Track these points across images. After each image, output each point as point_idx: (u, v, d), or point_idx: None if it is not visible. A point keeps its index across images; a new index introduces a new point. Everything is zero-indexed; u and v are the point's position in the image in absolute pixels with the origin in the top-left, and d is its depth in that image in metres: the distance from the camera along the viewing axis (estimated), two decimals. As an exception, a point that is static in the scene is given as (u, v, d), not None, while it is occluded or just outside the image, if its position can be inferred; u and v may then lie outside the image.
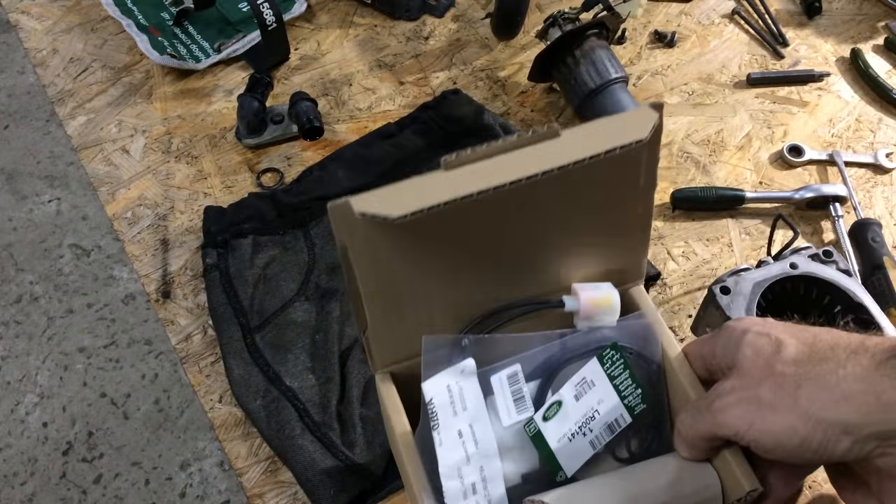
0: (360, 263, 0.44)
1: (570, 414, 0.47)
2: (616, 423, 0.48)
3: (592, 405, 0.47)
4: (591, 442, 0.48)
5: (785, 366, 0.42)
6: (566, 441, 0.47)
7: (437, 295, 0.49)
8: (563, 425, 0.47)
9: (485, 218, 0.46)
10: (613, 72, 0.81)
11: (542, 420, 0.47)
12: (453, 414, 0.46)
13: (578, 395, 0.47)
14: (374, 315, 0.48)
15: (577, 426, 0.47)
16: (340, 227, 0.42)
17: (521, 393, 0.48)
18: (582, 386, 0.47)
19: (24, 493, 1.42)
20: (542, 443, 0.47)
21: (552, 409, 0.47)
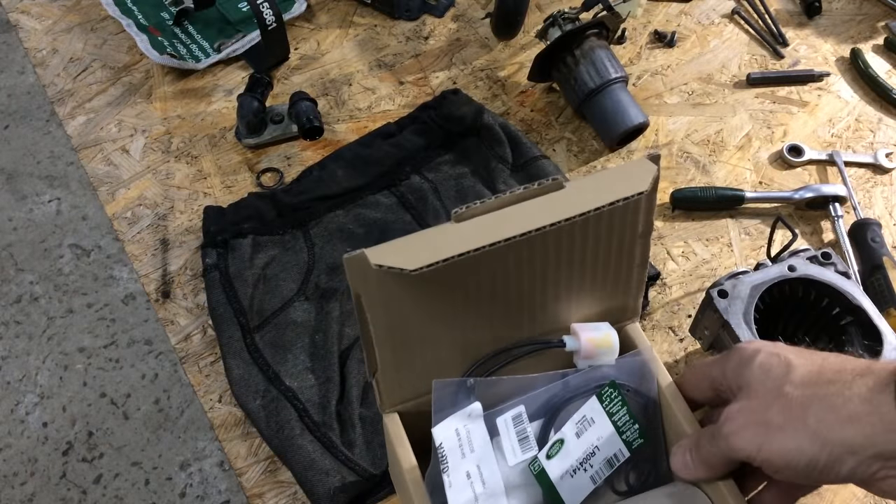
0: (372, 310, 0.46)
1: (571, 451, 0.49)
2: (615, 458, 0.50)
3: (593, 441, 0.49)
4: (591, 477, 0.50)
5: (794, 387, 0.43)
6: (568, 477, 0.49)
7: (444, 338, 0.51)
8: (565, 462, 0.49)
9: (492, 265, 0.48)
10: (613, 72, 0.81)
11: (546, 458, 0.49)
12: (461, 456, 0.49)
13: (579, 432, 0.50)
14: (384, 358, 0.50)
15: (578, 462, 0.49)
16: (355, 276, 0.44)
17: (526, 433, 0.51)
18: (583, 423, 0.50)
19: (24, 493, 1.42)
20: (546, 480, 0.49)
21: (555, 448, 0.49)
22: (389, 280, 0.45)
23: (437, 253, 0.43)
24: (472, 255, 0.44)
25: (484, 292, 0.49)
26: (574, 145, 0.85)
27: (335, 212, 0.78)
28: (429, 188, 0.79)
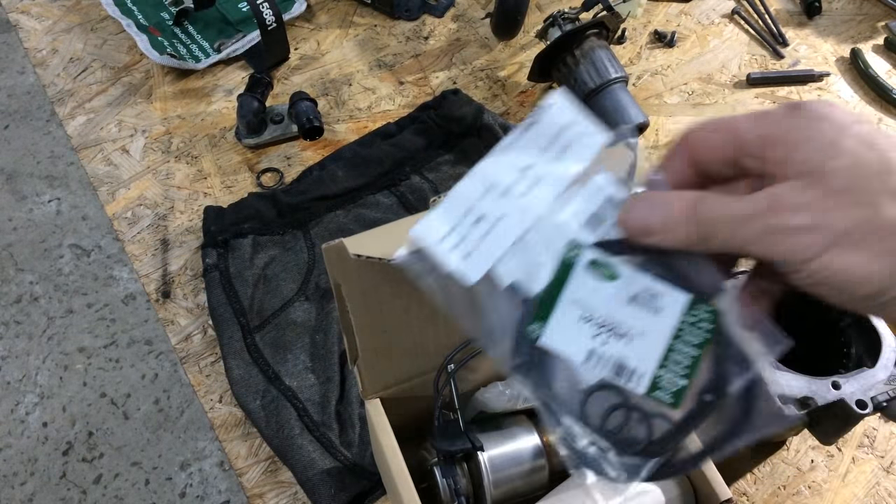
0: (352, 299, 0.47)
1: (609, 298, 0.34)
2: (629, 377, 0.34)
3: (634, 324, 0.34)
4: (598, 358, 0.34)
5: (891, 202, 0.31)
6: (581, 321, 0.34)
7: (423, 325, 0.51)
8: (597, 296, 0.34)
9: None
10: (613, 72, 0.81)
11: (588, 263, 0.34)
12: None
13: (635, 298, 0.34)
14: (365, 346, 0.50)
15: (603, 321, 0.34)
16: (334, 266, 0.45)
17: (603, 215, 0.35)
18: (644, 298, 0.35)
19: (24, 493, 1.42)
20: (562, 279, 0.34)
21: (603, 268, 0.34)
22: (368, 269, 0.45)
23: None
24: None
25: None
26: (574, 145, 0.85)
27: (335, 212, 0.78)
28: (429, 188, 0.79)
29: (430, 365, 0.53)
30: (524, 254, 0.34)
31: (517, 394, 0.56)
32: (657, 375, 0.34)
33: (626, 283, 0.34)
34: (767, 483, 0.63)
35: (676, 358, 0.34)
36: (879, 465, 0.64)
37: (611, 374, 0.34)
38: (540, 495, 0.55)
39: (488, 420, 0.58)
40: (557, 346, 0.34)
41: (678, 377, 0.34)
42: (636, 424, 0.34)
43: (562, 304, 0.34)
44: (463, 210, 0.35)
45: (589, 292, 0.34)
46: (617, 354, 0.34)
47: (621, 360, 0.34)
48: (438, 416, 0.53)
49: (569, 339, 0.34)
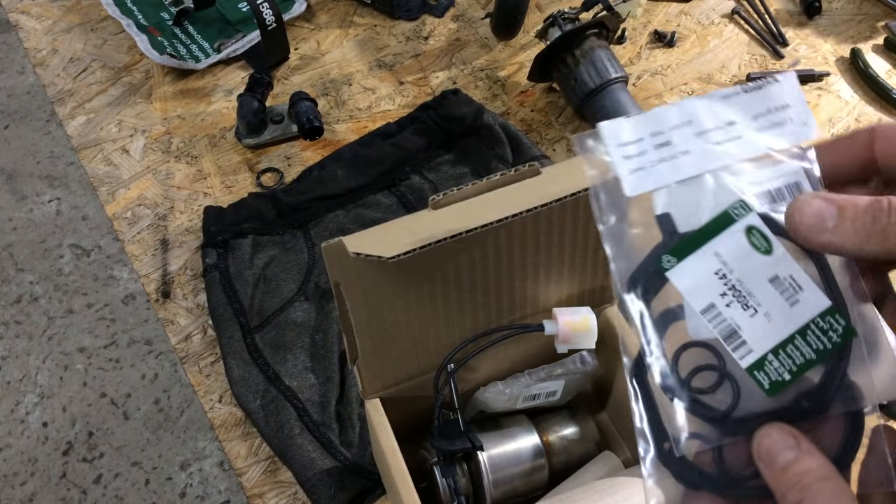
0: (351, 298, 0.47)
1: (755, 270, 0.33)
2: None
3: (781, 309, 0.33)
4: (711, 308, 0.33)
5: None
6: (715, 269, 0.33)
7: (423, 324, 0.51)
8: (742, 262, 0.33)
9: (470, 252, 0.48)
10: (613, 72, 0.81)
11: (748, 229, 0.33)
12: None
13: (776, 282, 0.33)
14: (364, 346, 0.50)
15: (737, 285, 0.33)
16: (333, 265, 0.45)
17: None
18: (786, 286, 0.33)
19: (24, 493, 1.42)
20: (710, 232, 0.33)
21: (760, 237, 0.33)
22: (368, 268, 0.45)
23: (414, 240, 0.44)
24: (450, 242, 0.44)
25: (462, 278, 0.49)
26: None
27: (335, 212, 0.78)
28: (429, 188, 0.79)
29: (430, 365, 0.53)
30: (691, 192, 0.34)
31: (517, 393, 0.56)
32: (766, 358, 0.33)
33: (775, 262, 0.33)
34: (767, 483, 0.63)
35: (791, 352, 0.33)
36: (879, 464, 0.64)
37: (722, 334, 0.33)
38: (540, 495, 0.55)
39: (488, 420, 0.58)
40: (682, 285, 0.33)
41: (784, 370, 0.32)
42: (722, 393, 0.33)
43: (705, 250, 0.33)
44: (655, 129, 0.35)
45: (736, 253, 0.33)
46: (736, 320, 0.33)
47: (737, 328, 0.33)
48: (438, 415, 0.53)
49: (696, 284, 0.33)
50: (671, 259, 0.33)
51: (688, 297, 0.32)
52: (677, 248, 0.33)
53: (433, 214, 0.45)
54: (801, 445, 0.30)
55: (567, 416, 0.60)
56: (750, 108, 0.35)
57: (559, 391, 0.58)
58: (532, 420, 0.58)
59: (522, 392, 0.56)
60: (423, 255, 0.44)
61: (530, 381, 0.56)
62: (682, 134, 0.34)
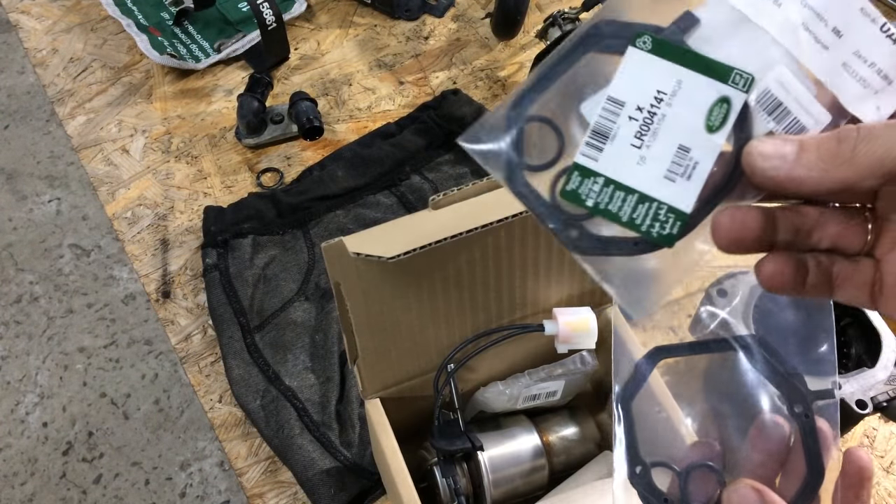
0: (352, 298, 0.47)
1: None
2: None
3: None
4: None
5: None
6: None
7: (424, 324, 0.51)
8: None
9: (470, 251, 0.48)
10: (613, 72, 0.81)
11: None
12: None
13: (674, 161, 0.31)
14: (364, 345, 0.50)
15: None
16: (334, 265, 0.45)
17: None
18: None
19: (24, 493, 1.42)
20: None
21: (719, 115, 0.31)
22: (368, 268, 0.45)
23: (414, 240, 0.44)
24: (450, 242, 0.44)
25: (462, 278, 0.49)
26: (574, 145, 0.85)
27: (335, 212, 0.78)
28: (429, 188, 0.79)
29: (430, 365, 0.53)
30: (746, 34, 0.31)
31: (517, 394, 0.56)
32: (595, 175, 0.31)
33: (703, 142, 0.30)
34: (767, 483, 0.63)
35: (615, 196, 0.31)
36: (879, 465, 0.64)
37: (595, 128, 0.31)
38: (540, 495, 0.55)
39: (488, 420, 0.58)
40: (626, 69, 0.31)
41: (594, 199, 0.31)
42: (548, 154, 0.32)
43: (676, 70, 0.31)
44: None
45: (690, 100, 0.31)
46: (619, 134, 0.31)
47: (611, 138, 0.31)
48: (438, 415, 0.53)
49: (635, 81, 0.31)
50: (647, 42, 0.31)
51: (616, 81, 0.31)
52: (663, 45, 0.30)
53: (433, 214, 0.45)
54: (765, 499, 0.33)
55: (567, 416, 0.60)
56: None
57: (559, 391, 0.58)
58: (532, 420, 0.58)
59: (522, 392, 0.56)
60: (423, 255, 0.44)
61: (530, 381, 0.56)
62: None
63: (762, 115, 0.30)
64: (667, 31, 0.31)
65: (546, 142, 0.31)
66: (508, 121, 0.31)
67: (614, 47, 0.31)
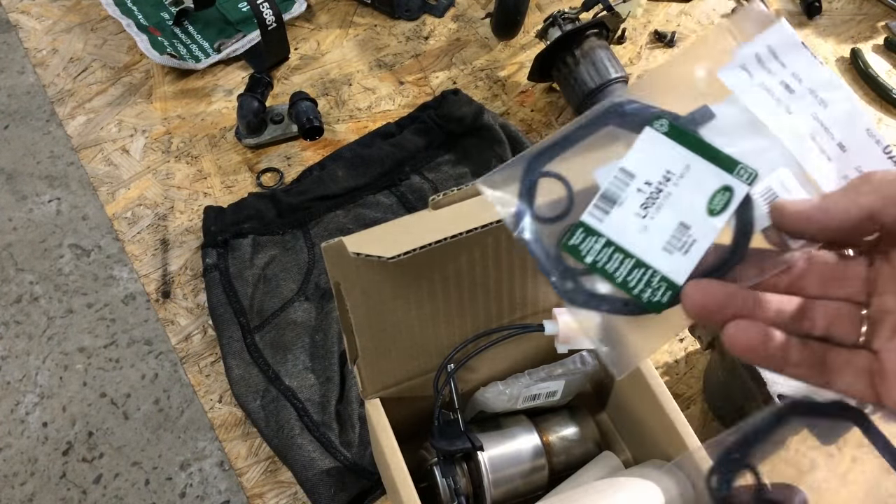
0: (352, 298, 0.47)
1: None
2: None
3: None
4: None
5: None
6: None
7: (423, 324, 0.51)
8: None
9: (470, 251, 0.48)
10: (613, 72, 0.81)
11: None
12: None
13: (675, 235, 0.33)
14: (364, 345, 0.50)
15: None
16: (334, 265, 0.45)
17: None
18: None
19: (24, 493, 1.42)
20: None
21: (721, 202, 0.33)
22: (368, 268, 0.45)
23: (414, 240, 0.44)
24: (450, 242, 0.44)
25: (462, 278, 0.49)
26: (574, 145, 0.85)
27: (335, 212, 0.78)
28: (429, 188, 0.79)
29: (430, 365, 0.53)
30: (757, 135, 0.34)
31: (517, 394, 0.56)
32: (597, 235, 0.33)
33: (702, 223, 0.33)
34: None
35: (613, 258, 0.33)
36: (880, 465, 0.64)
37: (605, 194, 0.33)
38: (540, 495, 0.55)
39: (488, 420, 0.58)
40: (641, 146, 0.33)
41: (591, 256, 0.33)
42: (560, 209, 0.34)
43: (686, 155, 0.33)
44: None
45: (696, 183, 0.33)
46: (625, 202, 0.33)
47: (618, 203, 0.33)
48: (438, 416, 0.53)
49: (648, 157, 0.33)
50: (663, 125, 0.33)
51: (630, 154, 0.33)
52: (678, 131, 0.33)
53: (433, 214, 0.45)
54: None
55: (567, 416, 0.60)
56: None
57: (559, 391, 0.58)
58: (532, 420, 0.58)
59: (522, 392, 0.56)
60: (423, 255, 0.44)
61: (530, 382, 0.56)
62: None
63: (763, 207, 0.33)
64: (683, 119, 0.33)
65: (556, 198, 0.34)
66: (525, 172, 0.34)
67: (633, 124, 0.33)
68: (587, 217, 0.33)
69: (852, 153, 0.33)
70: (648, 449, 0.58)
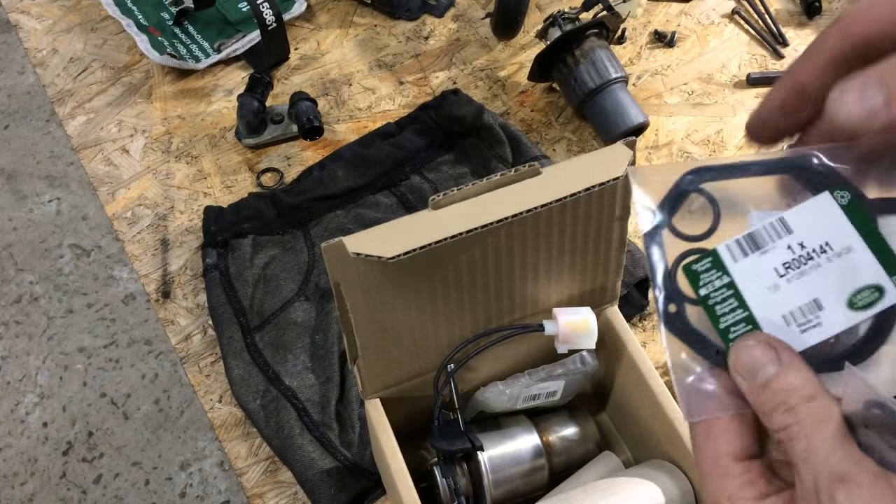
0: (352, 298, 0.47)
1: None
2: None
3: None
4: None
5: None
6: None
7: (423, 324, 0.51)
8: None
9: (470, 252, 0.48)
10: (613, 72, 0.81)
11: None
12: None
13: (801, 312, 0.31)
14: (364, 345, 0.50)
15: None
16: (334, 265, 0.45)
17: None
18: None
19: (24, 493, 1.42)
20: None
21: (866, 297, 0.31)
22: (368, 268, 0.45)
23: (414, 240, 0.44)
24: (450, 242, 0.44)
25: (463, 279, 0.49)
26: (574, 145, 0.85)
27: (335, 212, 0.78)
28: (429, 188, 0.79)
29: (430, 365, 0.53)
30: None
31: (517, 394, 0.56)
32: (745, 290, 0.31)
33: (831, 314, 0.31)
34: (767, 483, 0.63)
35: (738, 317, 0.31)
36: (879, 465, 0.64)
37: (754, 236, 0.31)
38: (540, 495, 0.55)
39: (488, 420, 0.58)
40: (811, 210, 0.31)
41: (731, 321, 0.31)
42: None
43: (855, 238, 0.31)
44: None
45: (849, 272, 0.31)
46: (775, 254, 0.31)
47: (767, 248, 0.31)
48: (438, 416, 0.53)
49: (816, 223, 0.31)
50: (844, 197, 0.31)
51: (796, 210, 0.31)
52: (856, 209, 0.31)
53: (433, 214, 0.45)
54: (781, 359, 0.28)
55: (567, 416, 0.60)
56: None
57: (559, 391, 0.58)
58: (532, 420, 0.58)
59: (522, 392, 0.56)
60: (423, 255, 0.44)
61: (530, 382, 0.56)
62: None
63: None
64: (868, 204, 0.31)
65: (698, 219, 0.32)
66: (680, 180, 0.32)
67: (813, 183, 0.31)
68: (723, 249, 0.31)
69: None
70: (648, 449, 0.58)
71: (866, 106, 0.27)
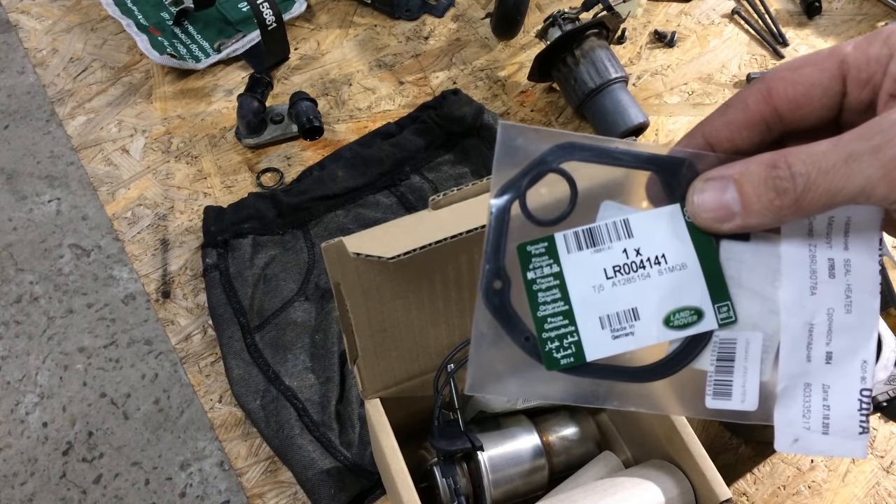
0: (352, 298, 0.47)
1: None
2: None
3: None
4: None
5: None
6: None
7: (423, 324, 0.51)
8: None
9: (470, 251, 0.48)
10: (613, 72, 0.81)
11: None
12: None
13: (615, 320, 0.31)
14: (364, 345, 0.50)
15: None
16: (334, 265, 0.45)
17: None
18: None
19: (24, 493, 1.42)
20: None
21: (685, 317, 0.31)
22: (368, 268, 0.45)
23: (414, 240, 0.44)
24: (450, 242, 0.44)
25: (462, 278, 0.49)
26: (574, 145, 0.85)
27: (335, 212, 0.78)
28: (429, 188, 0.79)
29: (430, 365, 0.53)
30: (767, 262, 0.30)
31: (517, 394, 0.56)
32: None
33: (649, 330, 0.31)
34: (767, 483, 0.63)
35: (551, 318, 0.31)
36: (879, 465, 0.64)
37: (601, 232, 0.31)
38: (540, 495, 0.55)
39: (488, 420, 0.58)
40: (653, 216, 0.31)
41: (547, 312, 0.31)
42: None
43: (687, 249, 0.30)
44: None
45: (678, 285, 0.30)
46: (608, 258, 0.31)
47: (607, 247, 0.31)
48: (438, 416, 0.53)
49: (654, 233, 0.31)
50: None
51: (645, 216, 0.30)
52: (701, 230, 0.30)
53: (433, 214, 0.45)
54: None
55: (567, 416, 0.60)
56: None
57: (559, 391, 0.58)
58: (532, 420, 0.58)
59: (522, 392, 0.56)
60: (423, 255, 0.44)
61: (530, 381, 0.56)
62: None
63: (712, 353, 0.30)
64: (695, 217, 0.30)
65: (551, 198, 0.30)
66: (547, 152, 0.30)
67: (672, 189, 0.30)
68: (560, 238, 0.30)
69: (833, 369, 0.30)
70: (648, 449, 0.58)
71: (722, 210, 0.29)
